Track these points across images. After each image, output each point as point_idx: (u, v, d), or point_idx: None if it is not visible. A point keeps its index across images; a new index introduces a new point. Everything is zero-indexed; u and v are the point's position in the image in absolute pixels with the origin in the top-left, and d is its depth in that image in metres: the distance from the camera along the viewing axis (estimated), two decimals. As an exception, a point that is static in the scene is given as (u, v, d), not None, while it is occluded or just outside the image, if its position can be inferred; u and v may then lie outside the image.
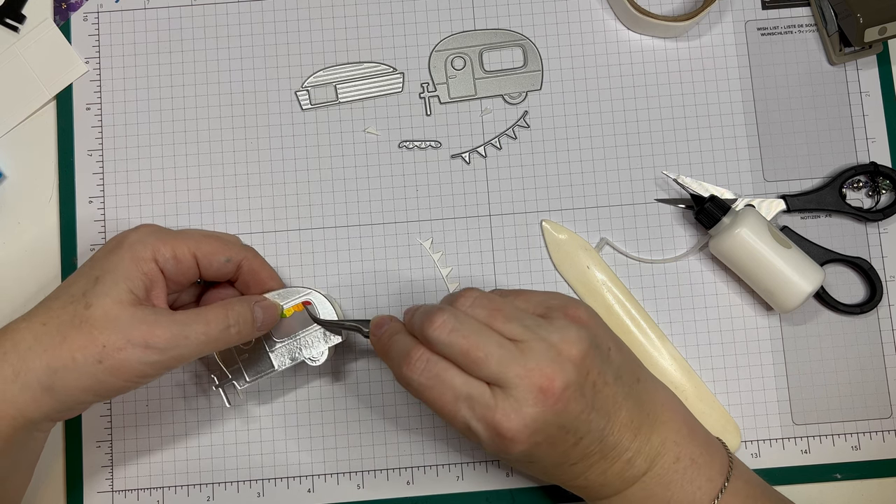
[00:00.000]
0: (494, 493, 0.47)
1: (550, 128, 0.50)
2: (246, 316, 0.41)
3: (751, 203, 0.48)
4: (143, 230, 0.41)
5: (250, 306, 0.41)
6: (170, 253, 0.40)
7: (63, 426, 0.47)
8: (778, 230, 0.46)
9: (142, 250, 0.40)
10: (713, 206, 0.46)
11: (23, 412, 0.37)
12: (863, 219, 0.48)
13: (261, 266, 0.44)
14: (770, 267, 0.45)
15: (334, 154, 0.49)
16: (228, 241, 0.43)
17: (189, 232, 0.42)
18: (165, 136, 0.49)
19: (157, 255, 0.40)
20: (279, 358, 0.44)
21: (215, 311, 0.40)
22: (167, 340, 0.38)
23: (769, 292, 0.46)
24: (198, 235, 0.42)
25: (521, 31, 0.50)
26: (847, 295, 0.48)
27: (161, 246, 0.40)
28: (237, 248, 0.43)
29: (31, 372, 0.37)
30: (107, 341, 0.37)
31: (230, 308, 0.40)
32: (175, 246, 0.41)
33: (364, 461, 0.47)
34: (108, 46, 0.50)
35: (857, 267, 0.48)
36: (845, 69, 0.50)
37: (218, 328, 0.39)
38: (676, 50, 0.50)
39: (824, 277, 0.45)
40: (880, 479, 0.47)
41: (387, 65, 0.50)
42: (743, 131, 0.50)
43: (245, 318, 0.41)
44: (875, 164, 0.48)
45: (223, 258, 0.42)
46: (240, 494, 0.47)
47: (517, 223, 0.49)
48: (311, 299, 0.44)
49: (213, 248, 0.42)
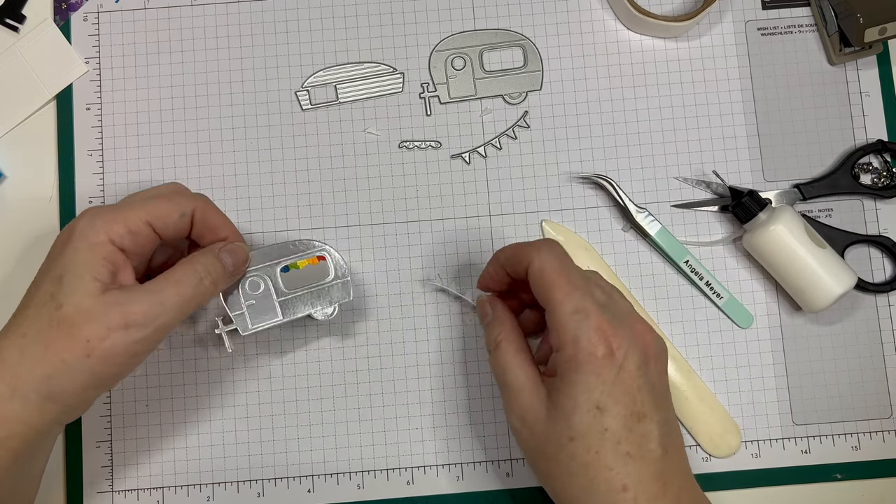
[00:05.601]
0: (494, 493, 0.47)
1: (550, 128, 0.50)
2: (214, 265, 0.40)
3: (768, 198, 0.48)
4: (88, 214, 0.39)
5: (215, 254, 0.41)
6: (123, 229, 0.39)
7: (63, 426, 0.47)
8: (813, 230, 0.46)
9: (94, 235, 0.38)
10: (751, 201, 0.46)
11: (30, 425, 0.36)
12: (879, 197, 0.49)
13: (213, 213, 0.43)
14: (803, 265, 0.45)
15: (334, 154, 0.49)
16: (176, 196, 0.41)
17: (134, 200, 0.41)
18: (165, 136, 0.49)
19: (112, 235, 0.39)
20: (287, 309, 0.43)
21: (183, 269, 0.39)
22: (144, 314, 0.37)
23: (800, 291, 0.46)
24: (145, 200, 0.40)
25: (521, 31, 0.50)
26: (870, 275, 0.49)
27: (112, 225, 0.39)
28: (187, 200, 0.42)
29: (26, 384, 0.36)
30: (89, 335, 0.36)
31: (196, 262, 0.40)
32: (126, 220, 0.39)
33: (364, 461, 0.47)
34: (108, 46, 0.50)
35: (880, 246, 0.49)
36: (845, 69, 0.50)
37: (191, 285, 0.39)
38: (676, 50, 0.50)
39: (856, 280, 0.45)
40: (880, 479, 0.47)
41: (387, 65, 0.50)
42: (743, 131, 0.50)
43: (214, 266, 0.40)
44: (881, 141, 0.49)
45: (177, 215, 0.41)
46: (240, 494, 0.47)
47: (517, 223, 0.49)
48: (326, 255, 0.44)
49: (164, 209, 0.40)
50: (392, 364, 0.48)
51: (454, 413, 0.47)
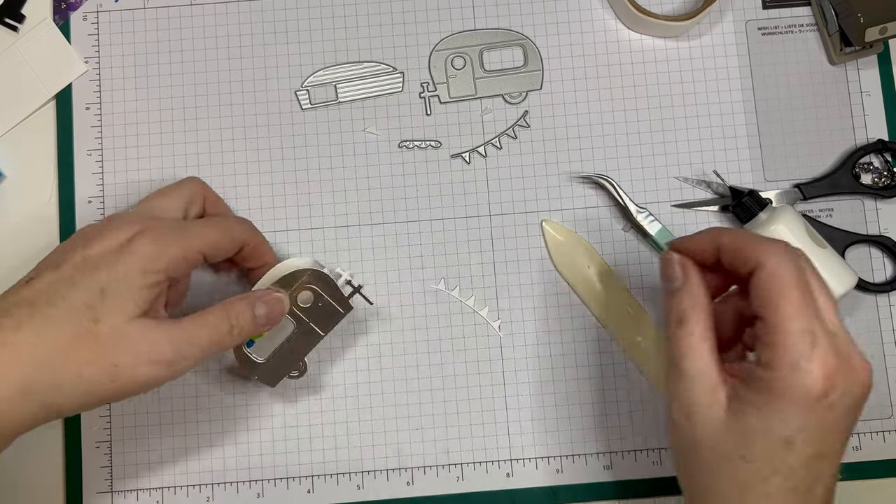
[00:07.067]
0: (494, 493, 0.47)
1: (550, 128, 0.50)
2: (246, 317, 0.40)
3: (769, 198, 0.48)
4: (149, 235, 0.37)
5: (251, 304, 0.40)
6: (182, 260, 0.38)
7: (63, 426, 0.47)
8: (814, 230, 0.46)
9: (154, 263, 0.37)
10: (751, 201, 0.46)
11: (14, 428, 0.35)
12: (879, 197, 0.49)
13: (262, 244, 0.43)
14: None
15: (334, 154, 0.49)
16: (234, 231, 0.41)
17: (197, 228, 0.40)
18: (165, 136, 0.49)
19: (170, 266, 0.37)
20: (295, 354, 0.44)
21: (217, 315, 0.39)
22: (174, 353, 0.36)
23: None
24: (207, 231, 0.40)
25: (521, 30, 0.50)
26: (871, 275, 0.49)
27: (174, 255, 0.37)
28: (241, 232, 0.42)
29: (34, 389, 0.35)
30: (119, 361, 0.35)
31: (231, 310, 0.39)
32: (187, 251, 0.38)
33: (364, 461, 0.47)
34: (108, 46, 0.50)
35: (881, 246, 0.49)
36: (846, 69, 0.50)
37: (222, 333, 0.38)
38: (676, 50, 0.50)
39: (856, 280, 0.45)
40: (880, 480, 0.47)
41: (387, 64, 0.50)
42: (743, 131, 0.50)
43: (246, 319, 0.40)
44: (882, 140, 0.49)
45: (230, 247, 0.41)
46: (240, 494, 0.47)
47: (517, 223, 0.49)
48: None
49: (221, 241, 0.40)
50: (392, 364, 0.48)
51: (454, 413, 0.47)
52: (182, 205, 0.42)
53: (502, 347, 0.48)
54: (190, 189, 0.43)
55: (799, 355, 0.33)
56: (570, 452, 0.47)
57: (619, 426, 0.47)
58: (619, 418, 0.47)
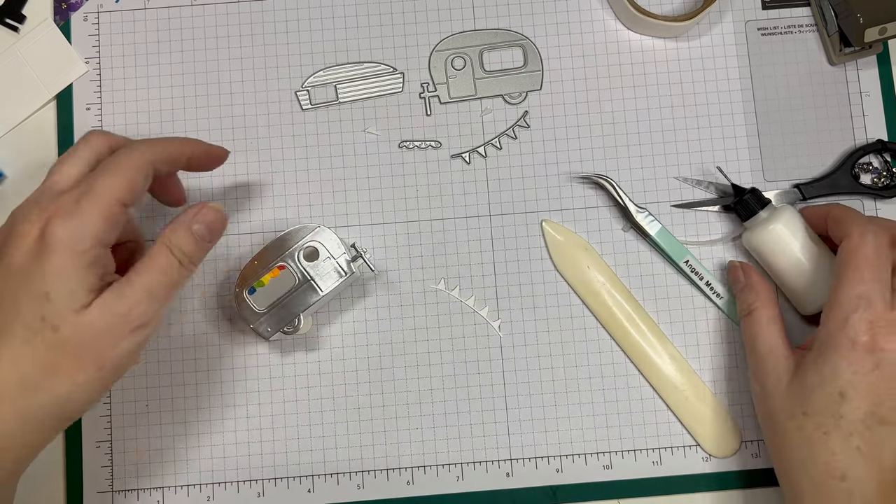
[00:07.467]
0: (494, 493, 0.47)
1: (550, 128, 0.50)
2: (187, 242, 0.37)
3: None
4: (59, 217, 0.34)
5: (186, 227, 0.37)
6: (104, 223, 0.35)
7: (63, 426, 0.47)
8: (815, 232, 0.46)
9: (80, 243, 0.34)
10: (752, 199, 0.46)
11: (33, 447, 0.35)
12: (879, 197, 0.49)
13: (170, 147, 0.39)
14: (800, 267, 0.45)
15: (334, 154, 0.49)
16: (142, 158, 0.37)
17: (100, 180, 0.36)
18: (165, 136, 0.49)
19: (99, 235, 0.35)
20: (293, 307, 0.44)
21: (158, 254, 0.37)
22: (144, 313, 0.35)
23: (795, 292, 0.46)
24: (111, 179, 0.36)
25: (521, 31, 0.50)
26: None
27: (94, 224, 0.35)
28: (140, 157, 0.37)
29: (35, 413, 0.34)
30: (97, 350, 0.35)
31: (168, 242, 0.37)
32: (103, 212, 0.35)
33: (364, 461, 0.47)
34: (108, 46, 0.50)
35: None
36: (845, 69, 0.50)
37: (171, 269, 0.37)
38: (676, 50, 0.50)
39: None
40: (880, 480, 0.47)
41: (387, 65, 0.50)
42: (743, 131, 0.50)
43: (187, 245, 0.37)
44: (881, 141, 0.49)
45: (142, 182, 0.37)
46: (240, 494, 0.47)
47: (517, 223, 0.49)
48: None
49: (135, 182, 0.37)
50: (392, 364, 0.48)
51: (454, 413, 0.47)
52: (85, 168, 0.38)
53: (502, 347, 0.48)
54: (91, 146, 0.38)
55: (850, 311, 0.37)
56: (569, 452, 0.47)
57: (619, 426, 0.47)
58: (619, 418, 0.47)
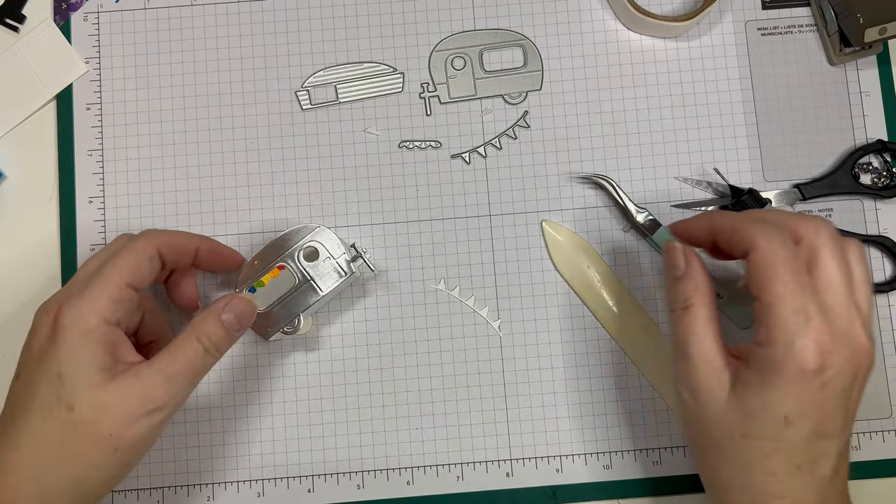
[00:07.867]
0: (494, 493, 0.47)
1: (550, 128, 0.50)
2: (216, 331, 0.39)
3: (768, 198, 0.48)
4: (63, 304, 0.36)
5: (216, 317, 0.39)
6: (110, 303, 0.37)
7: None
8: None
9: (85, 323, 0.36)
10: (751, 199, 0.46)
11: None
12: (879, 197, 0.49)
13: (178, 238, 0.41)
14: None
15: (334, 154, 0.49)
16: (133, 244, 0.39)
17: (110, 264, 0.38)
18: (165, 136, 0.49)
19: (104, 314, 0.36)
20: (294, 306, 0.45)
21: (186, 341, 0.38)
22: (162, 397, 0.36)
23: None
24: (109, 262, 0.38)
25: (521, 31, 0.50)
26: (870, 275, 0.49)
27: (99, 304, 0.36)
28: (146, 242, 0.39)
29: (54, 495, 0.35)
30: (112, 430, 0.35)
31: (199, 331, 0.38)
32: (108, 292, 0.37)
33: (364, 461, 0.47)
34: (108, 46, 0.50)
35: (880, 246, 0.49)
36: (845, 69, 0.50)
37: (199, 357, 0.38)
38: (676, 50, 0.50)
39: None
40: (880, 479, 0.47)
41: (387, 65, 0.50)
42: (743, 131, 0.50)
43: (216, 333, 0.39)
44: (881, 141, 0.49)
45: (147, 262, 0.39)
46: (240, 494, 0.47)
47: (517, 223, 0.49)
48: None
49: (132, 262, 0.38)
50: (392, 364, 0.48)
51: (454, 413, 0.47)
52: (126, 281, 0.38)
53: (502, 347, 0.48)
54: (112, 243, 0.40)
55: (792, 333, 0.34)
56: (570, 452, 0.47)
57: (619, 426, 0.47)
58: (618, 418, 0.47)
